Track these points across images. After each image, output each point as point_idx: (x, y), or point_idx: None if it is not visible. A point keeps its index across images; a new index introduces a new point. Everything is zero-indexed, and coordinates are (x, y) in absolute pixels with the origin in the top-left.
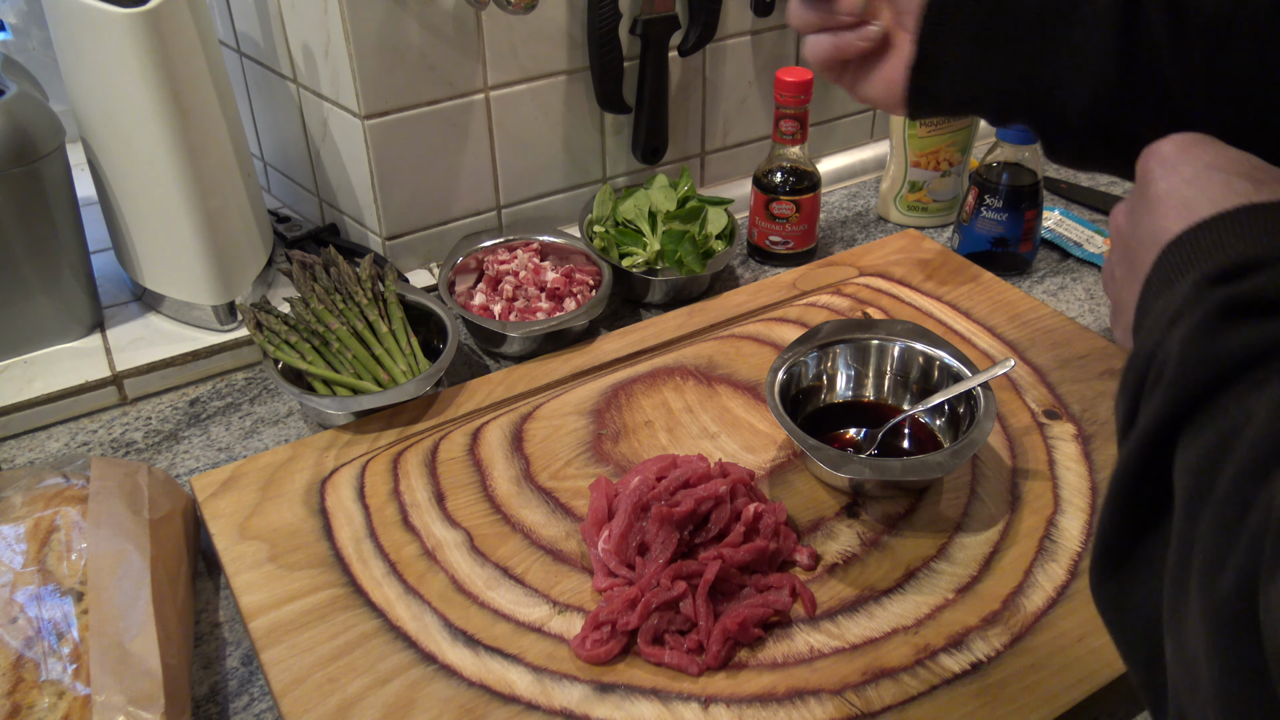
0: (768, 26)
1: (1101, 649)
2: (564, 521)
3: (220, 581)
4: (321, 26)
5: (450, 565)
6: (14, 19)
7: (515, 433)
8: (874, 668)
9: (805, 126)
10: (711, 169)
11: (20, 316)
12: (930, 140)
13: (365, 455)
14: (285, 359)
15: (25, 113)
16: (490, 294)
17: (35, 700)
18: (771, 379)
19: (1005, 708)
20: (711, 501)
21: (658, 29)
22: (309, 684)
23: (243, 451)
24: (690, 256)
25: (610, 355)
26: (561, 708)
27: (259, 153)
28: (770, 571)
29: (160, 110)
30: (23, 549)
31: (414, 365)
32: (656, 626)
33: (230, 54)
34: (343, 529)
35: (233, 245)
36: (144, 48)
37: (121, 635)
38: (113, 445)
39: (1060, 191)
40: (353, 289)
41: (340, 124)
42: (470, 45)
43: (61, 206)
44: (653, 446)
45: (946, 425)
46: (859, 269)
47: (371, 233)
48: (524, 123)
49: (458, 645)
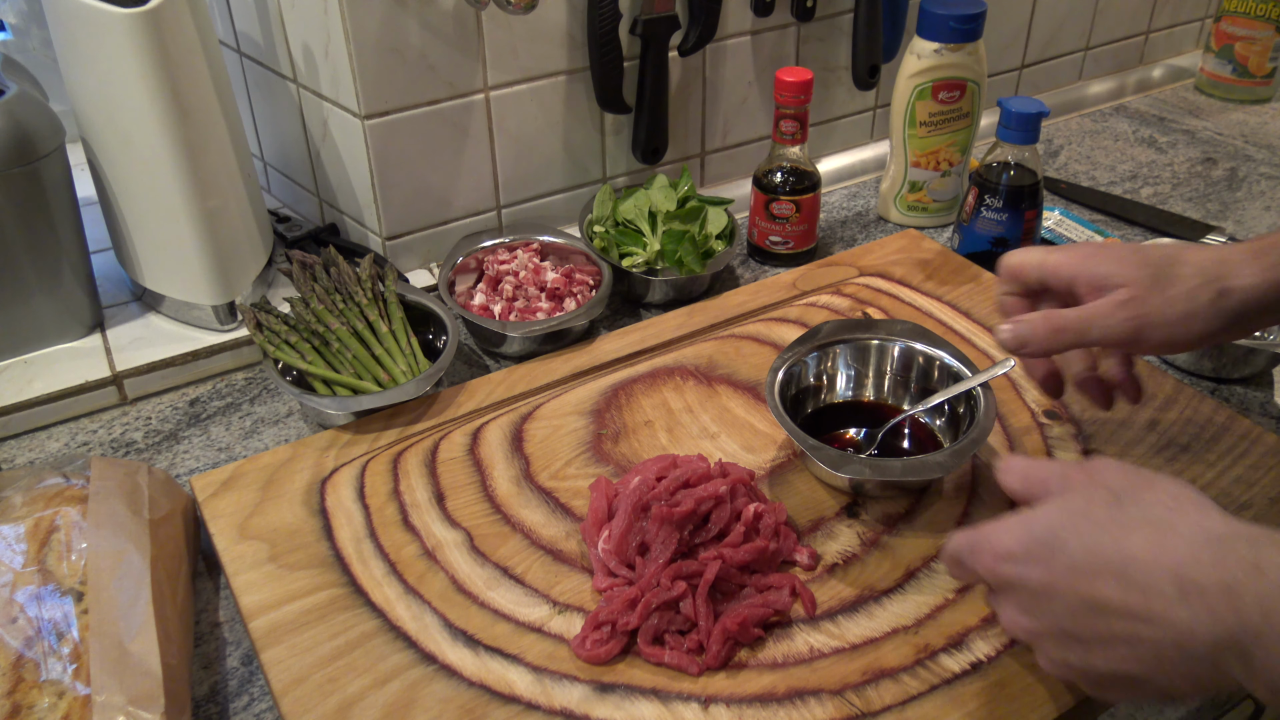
0: (768, 26)
1: None
2: (564, 521)
3: (220, 581)
4: (321, 26)
5: (450, 565)
6: (14, 19)
7: (515, 433)
8: (874, 668)
9: (805, 126)
10: (711, 169)
11: (20, 316)
12: (930, 140)
13: (365, 455)
14: (285, 359)
15: (25, 113)
16: (490, 294)
17: (35, 700)
18: (771, 379)
19: (1005, 708)
20: (711, 501)
21: (658, 29)
22: (309, 684)
23: (243, 451)
24: (690, 256)
25: (610, 355)
26: (561, 708)
27: (259, 153)
28: (770, 571)
29: (160, 110)
30: (23, 549)
31: (414, 365)
32: (656, 626)
33: (230, 54)
34: (343, 529)
35: (233, 245)
36: (144, 48)
37: (121, 635)
38: (113, 445)
39: (1060, 191)
40: (353, 289)
41: (340, 124)
42: (470, 45)
43: (61, 206)
44: (653, 446)
45: (946, 425)
46: (859, 269)
47: (371, 233)
48: (524, 123)
49: (458, 645)
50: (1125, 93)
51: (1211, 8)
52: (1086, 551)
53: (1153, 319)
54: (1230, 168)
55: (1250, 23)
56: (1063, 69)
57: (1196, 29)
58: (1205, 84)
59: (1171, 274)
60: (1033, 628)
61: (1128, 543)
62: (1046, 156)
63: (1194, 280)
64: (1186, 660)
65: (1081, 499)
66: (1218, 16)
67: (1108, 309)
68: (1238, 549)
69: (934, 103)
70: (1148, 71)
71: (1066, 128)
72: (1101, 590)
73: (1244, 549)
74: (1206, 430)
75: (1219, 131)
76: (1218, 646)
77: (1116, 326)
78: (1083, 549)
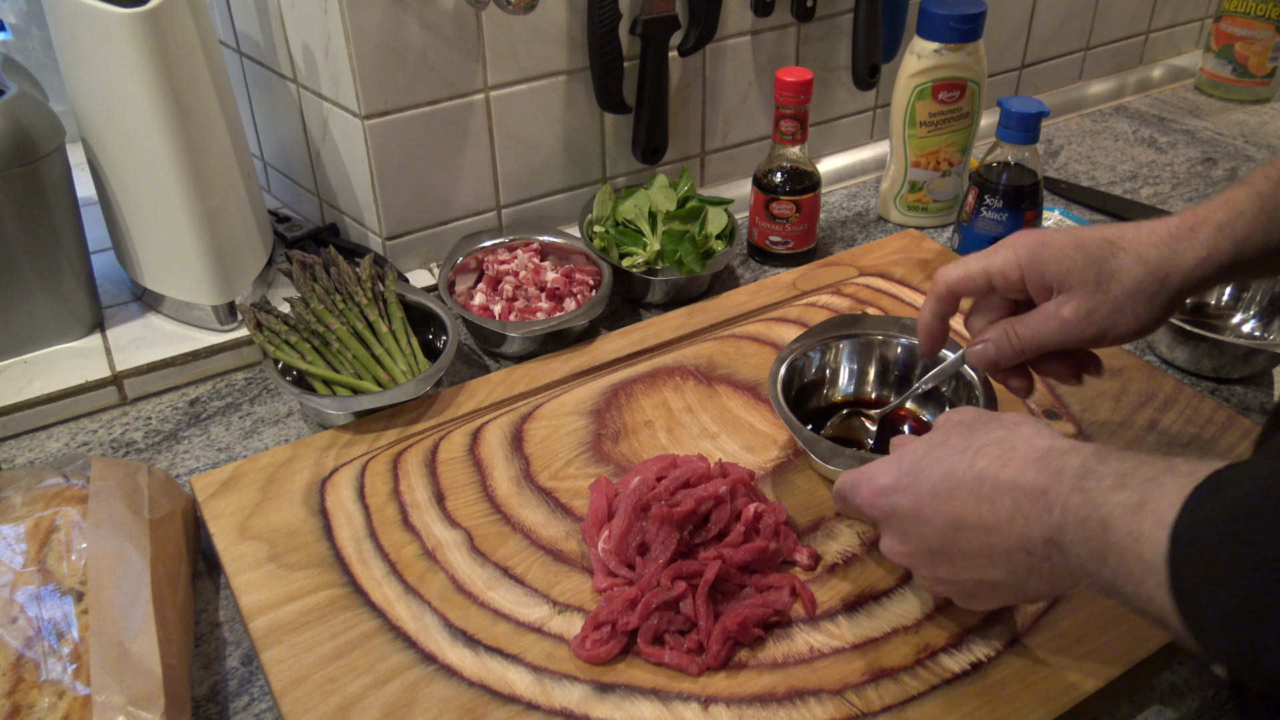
0: (768, 26)
1: (1101, 649)
2: (564, 521)
3: (220, 581)
4: (321, 26)
5: (450, 565)
6: (14, 19)
7: (515, 433)
8: (874, 668)
9: (805, 126)
10: (711, 169)
11: (20, 316)
12: (930, 140)
13: (365, 455)
14: (285, 359)
15: (25, 113)
16: (490, 294)
17: (35, 700)
18: (775, 369)
19: (1005, 708)
20: (711, 501)
21: (658, 29)
22: (309, 684)
23: (243, 451)
24: (690, 256)
25: (610, 355)
26: (561, 708)
27: (259, 153)
28: (770, 571)
29: (160, 110)
30: (23, 549)
31: (414, 365)
32: (656, 626)
33: (230, 54)
34: (343, 529)
35: (233, 245)
36: (144, 48)
37: (121, 635)
38: (113, 445)
39: (1060, 191)
40: (353, 289)
41: (340, 124)
42: (470, 45)
43: (61, 206)
44: (653, 446)
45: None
46: (859, 269)
47: (371, 233)
48: (524, 123)
49: (458, 645)
50: (1125, 93)
51: (1211, 8)
52: (944, 475)
53: (1105, 322)
54: (1230, 168)
55: (1250, 23)
56: (1063, 69)
57: (1196, 29)
58: (1205, 84)
59: (1113, 270)
60: (907, 551)
61: (977, 463)
62: (1046, 156)
63: (1137, 272)
64: (1031, 561)
65: (940, 434)
66: (1218, 16)
67: (1062, 323)
68: (1051, 460)
69: (934, 103)
70: (1148, 71)
71: (1066, 128)
72: (959, 508)
73: (1055, 459)
74: (1206, 430)
75: (1219, 131)
76: (1048, 544)
77: (1074, 336)
78: (941, 473)
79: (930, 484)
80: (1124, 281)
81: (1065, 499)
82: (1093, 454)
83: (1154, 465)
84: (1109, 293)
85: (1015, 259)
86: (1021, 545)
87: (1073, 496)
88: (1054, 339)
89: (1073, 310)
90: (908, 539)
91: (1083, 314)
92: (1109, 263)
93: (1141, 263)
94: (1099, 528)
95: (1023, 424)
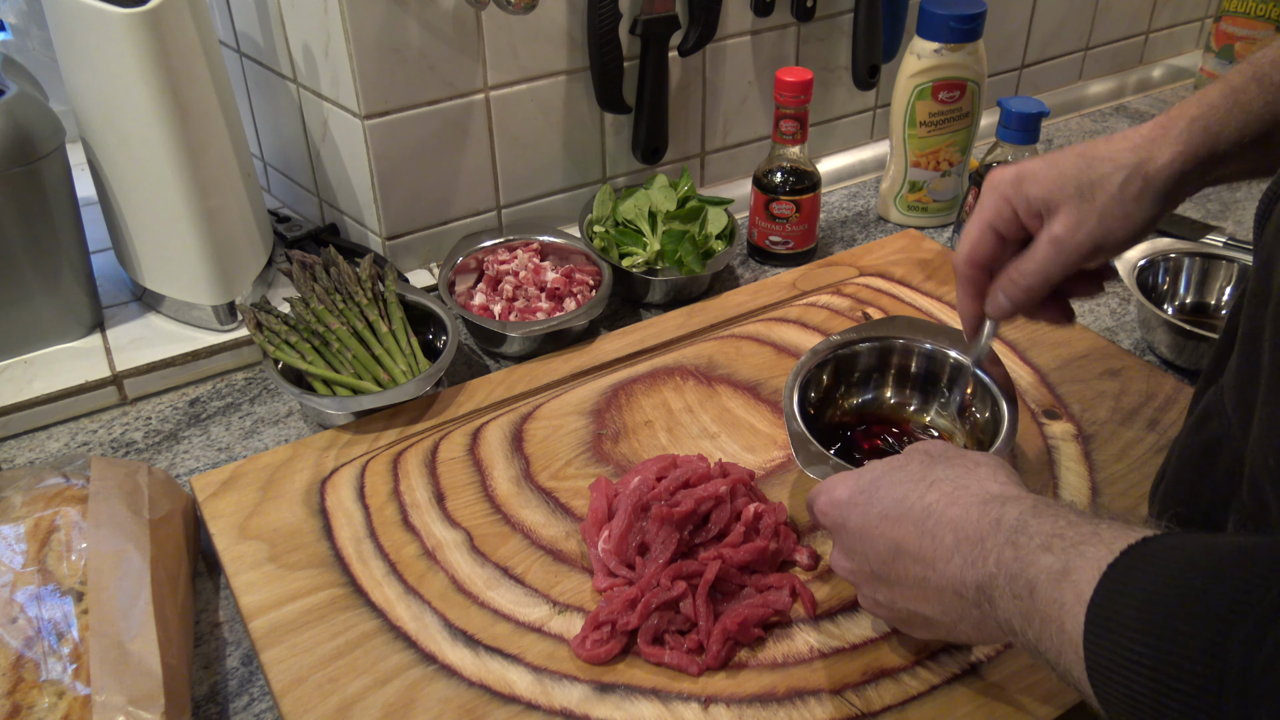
0: (768, 26)
1: None
2: (564, 521)
3: (220, 581)
4: (321, 26)
5: (450, 565)
6: (14, 19)
7: (515, 433)
8: (874, 668)
9: (805, 126)
10: (711, 169)
11: (20, 316)
12: (930, 140)
13: (365, 455)
14: (285, 359)
15: (25, 113)
16: (490, 294)
17: (35, 700)
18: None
19: (1005, 708)
20: (711, 501)
21: (658, 29)
22: (309, 684)
23: (243, 451)
24: (690, 256)
25: (610, 355)
26: (561, 708)
27: (259, 153)
28: (770, 571)
29: (160, 110)
30: (23, 549)
31: (414, 365)
32: (656, 626)
33: (230, 54)
34: (343, 529)
35: (233, 245)
36: (144, 48)
37: (121, 635)
38: (113, 445)
39: None
40: (353, 289)
41: (340, 124)
42: (470, 45)
43: (61, 206)
44: (653, 446)
45: (961, 424)
46: (859, 269)
47: (371, 233)
48: (524, 123)
49: (458, 645)
50: (1125, 93)
51: (1211, 8)
52: (896, 500)
53: (1097, 231)
54: None
55: (1250, 23)
56: (1063, 69)
57: (1196, 29)
58: (1205, 84)
59: (1094, 178)
60: (851, 567)
61: (928, 496)
62: None
63: (1118, 177)
64: (962, 605)
65: (903, 458)
66: (1218, 16)
67: (1056, 243)
68: (992, 508)
69: (934, 103)
70: (1148, 71)
71: (1066, 128)
72: (901, 535)
73: (996, 507)
74: None
75: None
76: (979, 592)
77: (1073, 253)
78: (893, 498)
79: (881, 506)
80: (1107, 188)
81: (999, 551)
82: (1030, 508)
83: (1081, 528)
84: (1094, 200)
85: (1001, 196)
86: (954, 586)
87: (1005, 550)
88: (1055, 263)
89: (1062, 226)
90: (852, 555)
91: (1072, 226)
92: (1087, 173)
93: (1121, 167)
94: (1026, 589)
95: (983, 465)
